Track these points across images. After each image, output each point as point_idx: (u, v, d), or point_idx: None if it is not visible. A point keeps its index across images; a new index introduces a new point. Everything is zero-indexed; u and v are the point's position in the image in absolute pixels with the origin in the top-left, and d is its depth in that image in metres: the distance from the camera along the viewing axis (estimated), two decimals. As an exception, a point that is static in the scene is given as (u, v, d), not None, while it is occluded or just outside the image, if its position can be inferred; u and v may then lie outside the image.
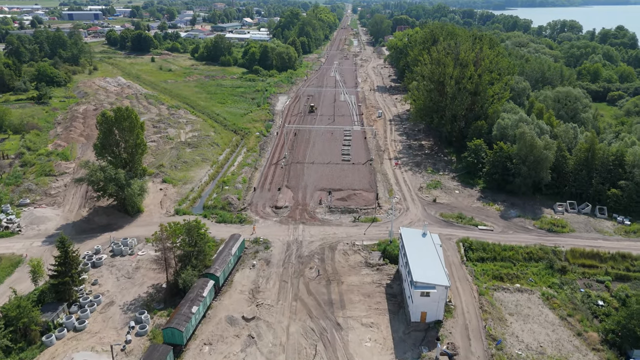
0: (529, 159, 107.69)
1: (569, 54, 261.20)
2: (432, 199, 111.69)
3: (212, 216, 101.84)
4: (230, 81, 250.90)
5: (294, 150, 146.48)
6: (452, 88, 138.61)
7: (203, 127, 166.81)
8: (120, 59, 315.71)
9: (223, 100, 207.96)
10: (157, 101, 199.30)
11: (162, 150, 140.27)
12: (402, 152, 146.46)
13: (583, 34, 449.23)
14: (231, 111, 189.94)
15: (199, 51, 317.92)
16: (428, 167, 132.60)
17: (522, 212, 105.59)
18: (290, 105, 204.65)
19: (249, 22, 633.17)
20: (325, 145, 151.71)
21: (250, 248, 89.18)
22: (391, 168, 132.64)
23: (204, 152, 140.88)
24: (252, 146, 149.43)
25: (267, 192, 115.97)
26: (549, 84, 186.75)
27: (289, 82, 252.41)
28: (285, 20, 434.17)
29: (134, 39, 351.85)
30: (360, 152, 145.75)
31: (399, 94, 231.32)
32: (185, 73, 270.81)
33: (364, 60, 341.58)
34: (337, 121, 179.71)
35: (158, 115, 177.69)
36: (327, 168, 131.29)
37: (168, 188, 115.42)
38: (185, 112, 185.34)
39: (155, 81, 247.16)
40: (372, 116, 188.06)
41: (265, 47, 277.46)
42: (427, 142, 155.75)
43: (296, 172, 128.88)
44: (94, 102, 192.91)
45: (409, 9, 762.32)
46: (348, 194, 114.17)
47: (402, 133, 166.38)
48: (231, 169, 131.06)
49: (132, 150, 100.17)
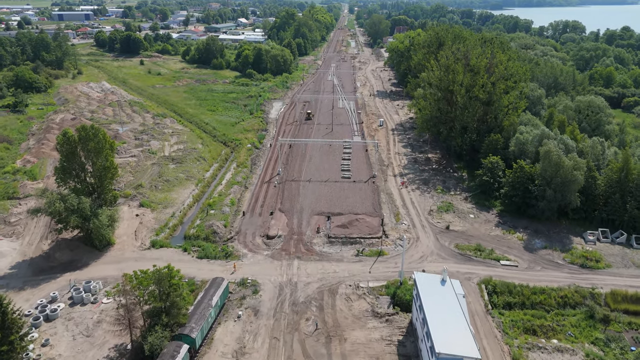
0: (555, 181, 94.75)
1: (578, 57, 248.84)
2: (444, 225, 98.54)
3: (194, 249, 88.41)
4: (222, 86, 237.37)
5: (288, 166, 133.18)
6: (462, 97, 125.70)
7: (190, 138, 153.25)
8: (107, 62, 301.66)
9: (213, 107, 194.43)
10: (142, 109, 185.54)
11: (143, 167, 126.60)
12: (408, 167, 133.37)
13: (587, 35, 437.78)
14: (222, 120, 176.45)
15: (190, 53, 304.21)
16: (437, 185, 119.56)
17: (548, 241, 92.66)
18: (285, 113, 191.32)
19: (243, 23, 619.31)
20: (323, 159, 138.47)
21: (235, 292, 75.77)
22: (397, 187, 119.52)
23: (189, 169, 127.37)
24: (243, 160, 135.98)
25: (258, 217, 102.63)
26: (562, 89, 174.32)
27: (284, 87, 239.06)
28: (280, 21, 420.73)
29: (123, 40, 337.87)
30: (362, 167, 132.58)
31: (401, 99, 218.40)
32: (174, 77, 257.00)
33: (363, 62, 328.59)
34: (336, 131, 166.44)
35: (142, 125, 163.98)
36: (326, 187, 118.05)
37: (146, 213, 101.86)
38: (172, 121, 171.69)
39: (142, 86, 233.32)
40: (372, 125, 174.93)
41: (260, 49, 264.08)
42: (434, 156, 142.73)
43: (291, 192, 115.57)
44: (73, 110, 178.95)
45: (406, 9, 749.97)
46: (349, 219, 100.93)
47: (407, 144, 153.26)
48: (218, 189, 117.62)
49: (101, 174, 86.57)
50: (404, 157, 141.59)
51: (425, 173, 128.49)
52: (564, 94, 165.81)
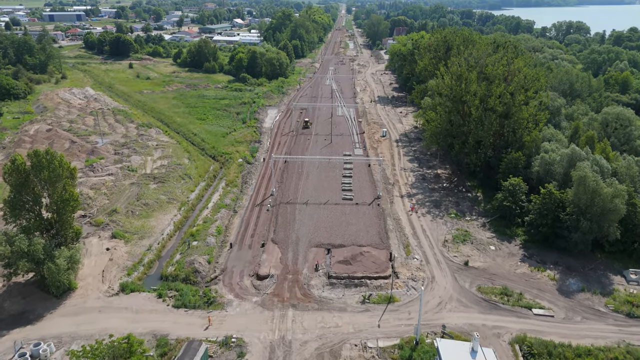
0: (592, 211, 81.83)
1: (589, 60, 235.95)
2: (462, 260, 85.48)
3: (170, 295, 74.97)
4: (214, 91, 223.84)
5: (283, 184, 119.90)
6: (477, 109, 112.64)
7: (176, 152, 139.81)
8: (95, 65, 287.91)
9: (203, 115, 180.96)
10: (126, 118, 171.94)
11: (120, 188, 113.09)
12: (416, 185, 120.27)
13: (591, 36, 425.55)
14: (212, 130, 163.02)
15: (182, 56, 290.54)
16: (450, 208, 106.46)
17: (584, 281, 79.71)
18: (280, 121, 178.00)
19: (239, 23, 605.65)
20: (322, 175, 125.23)
21: (216, 357, 62.44)
22: (404, 210, 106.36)
23: (172, 189, 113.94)
24: (233, 178, 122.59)
25: (248, 250, 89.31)
26: (578, 96, 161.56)
27: (280, 92, 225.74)
28: (276, 22, 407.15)
29: (112, 42, 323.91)
30: (365, 186, 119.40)
31: (404, 106, 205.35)
32: (164, 82, 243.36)
33: (362, 65, 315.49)
34: (335, 142, 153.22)
35: (124, 137, 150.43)
36: (325, 211, 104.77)
37: (118, 246, 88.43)
38: (157, 132, 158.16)
39: (129, 92, 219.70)
40: (375, 136, 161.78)
41: (254, 52, 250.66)
42: (443, 172, 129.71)
43: (285, 217, 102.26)
44: (50, 119, 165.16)
45: (405, 9, 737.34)
46: (352, 252, 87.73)
47: (413, 158, 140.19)
48: (204, 213, 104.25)
49: (59, 208, 73.11)
50: (410, 173, 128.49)
51: (435, 193, 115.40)
52: (581, 101, 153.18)
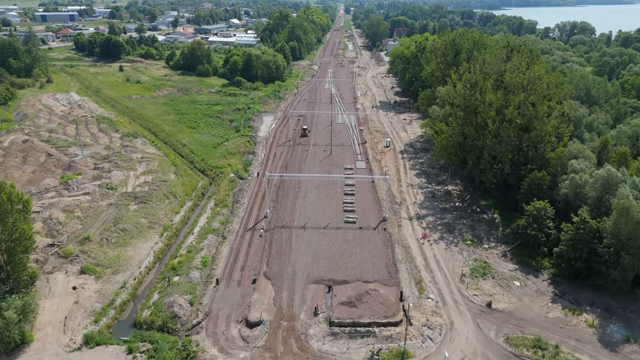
0: (636, 244, 70.54)
1: (600, 63, 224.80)
2: (484, 300, 74.09)
3: (142, 349, 63.30)
4: (207, 96, 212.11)
5: (278, 204, 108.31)
6: (493, 121, 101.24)
7: (162, 166, 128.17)
8: (84, 68, 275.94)
9: (194, 123, 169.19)
10: (111, 126, 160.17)
11: (96, 210, 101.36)
12: (425, 205, 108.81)
13: (597, 37, 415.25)
14: (202, 140, 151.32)
15: (175, 59, 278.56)
16: (465, 233, 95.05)
17: (627, 327, 68.46)
18: (276, 130, 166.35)
19: (236, 24, 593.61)
20: (321, 193, 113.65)
21: None
22: (414, 235, 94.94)
23: (154, 211, 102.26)
24: (223, 197, 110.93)
25: (236, 288, 77.75)
26: (595, 103, 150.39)
27: (276, 97, 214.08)
28: (273, 23, 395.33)
29: (103, 44, 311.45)
30: (369, 205, 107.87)
31: (407, 112, 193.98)
32: (155, 85, 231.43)
33: (362, 68, 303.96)
34: (335, 154, 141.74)
35: (106, 148, 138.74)
36: (325, 237, 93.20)
37: (87, 284, 76.81)
38: (143, 143, 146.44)
39: (117, 97, 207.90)
40: (378, 146, 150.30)
41: (249, 55, 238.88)
42: (454, 188, 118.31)
43: (280, 245, 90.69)
44: (29, 128, 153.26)
45: (404, 9, 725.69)
46: (357, 291, 76.23)
47: (420, 172, 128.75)
48: (189, 240, 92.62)
49: (9, 248, 61.57)
50: (418, 190, 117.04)
51: (447, 214, 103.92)
52: (599, 109, 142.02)
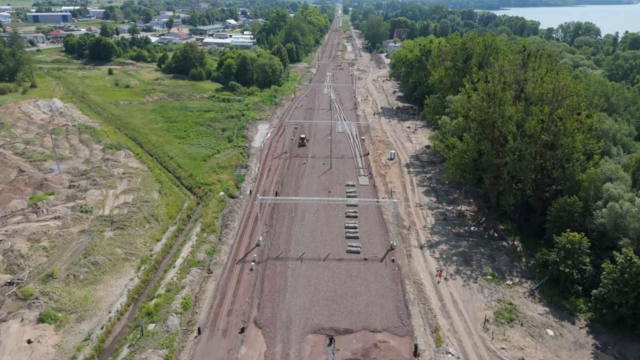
0: (696, 293, 59.39)
1: (613, 67, 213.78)
2: (514, 357, 62.65)
3: None
4: (199, 102, 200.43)
5: (272, 229, 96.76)
6: (515, 137, 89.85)
7: (145, 183, 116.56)
8: (71, 71, 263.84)
9: (184, 132, 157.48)
10: (93, 137, 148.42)
11: (66, 238, 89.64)
12: (437, 229, 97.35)
13: (602, 38, 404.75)
14: (191, 152, 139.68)
15: (167, 61, 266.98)
16: (485, 265, 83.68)
17: (687, 393, 57.28)
18: (272, 140, 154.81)
19: (232, 24, 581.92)
20: (321, 215, 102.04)
21: None
22: (427, 269, 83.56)
23: (132, 238, 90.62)
24: (211, 220, 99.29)
25: (221, 340, 66.15)
26: (614, 112, 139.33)
27: (272, 103, 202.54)
28: (270, 24, 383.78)
29: (92, 46, 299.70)
30: (374, 230, 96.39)
31: (411, 119, 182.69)
32: (145, 90, 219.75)
33: (362, 70, 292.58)
34: (336, 168, 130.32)
35: (86, 162, 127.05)
36: (325, 272, 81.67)
37: (45, 336, 65.11)
38: (127, 155, 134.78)
39: (103, 103, 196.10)
40: (381, 158, 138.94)
41: (244, 58, 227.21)
42: (468, 209, 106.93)
43: (274, 282, 79.13)
44: (3, 140, 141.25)
45: (404, 10, 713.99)
46: (364, 343, 64.74)
47: (429, 189, 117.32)
48: (170, 275, 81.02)
49: None
50: (428, 211, 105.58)
51: (462, 241, 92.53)
52: (619, 117, 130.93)
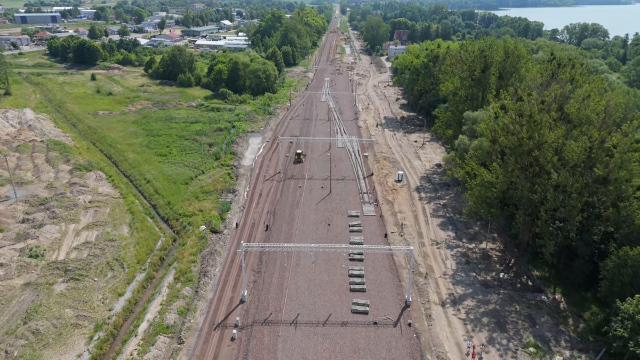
0: None
1: (636, 72, 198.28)
2: None
3: None
4: (186, 111, 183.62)
5: (261, 277, 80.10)
6: (558, 169, 73.53)
7: (114, 214, 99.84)
8: (52, 76, 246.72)
9: (166, 149, 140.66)
10: (62, 154, 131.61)
11: (5, 295, 72.59)
12: (459, 277, 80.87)
13: (611, 40, 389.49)
14: (172, 173, 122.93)
15: (154, 66, 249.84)
16: (523, 331, 67.16)
17: None
18: (264, 157, 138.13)
19: (227, 25, 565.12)
20: (319, 260, 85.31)
21: None
22: (451, 337, 67.09)
23: (88, 293, 73.87)
24: (187, 266, 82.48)
25: None
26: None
27: (266, 113, 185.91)
28: (265, 25, 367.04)
29: (76, 49, 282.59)
30: (384, 279, 79.78)
31: (418, 131, 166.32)
32: (128, 98, 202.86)
33: (362, 75, 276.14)
34: (336, 192, 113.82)
35: (49, 187, 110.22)
36: (324, 343, 64.92)
37: None
38: (98, 178, 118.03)
39: (80, 113, 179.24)
40: (387, 180, 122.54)
41: (236, 63, 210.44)
42: (492, 247, 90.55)
43: (260, 358, 62.48)
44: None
45: (403, 10, 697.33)
46: None
47: (445, 221, 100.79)
48: (129, 346, 64.23)
49: None
50: (447, 251, 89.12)
51: (491, 294, 76.10)
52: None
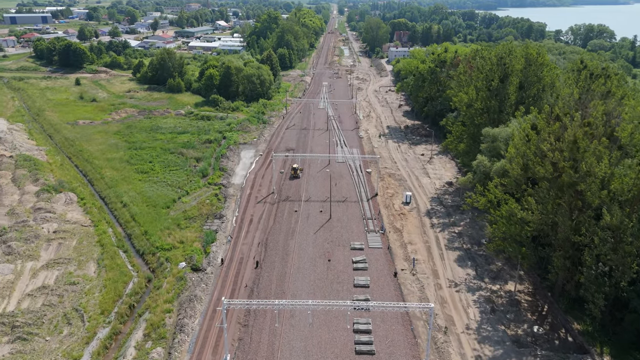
0: None
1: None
2: None
3: None
4: (174, 120, 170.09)
5: (248, 333, 66.63)
6: (611, 209, 60.44)
7: (81, 248, 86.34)
8: (35, 81, 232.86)
9: (148, 165, 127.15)
10: (31, 173, 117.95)
11: None
12: (485, 331, 67.63)
13: (618, 42, 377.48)
14: (153, 194, 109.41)
15: (142, 70, 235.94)
16: (572, 413, 54.24)
17: None
18: (257, 174, 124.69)
19: (222, 26, 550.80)
20: (317, 311, 71.88)
21: None
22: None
23: (36, 359, 60.43)
24: (161, 317, 68.82)
25: None
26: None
27: (260, 121, 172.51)
28: (261, 26, 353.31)
29: (62, 51, 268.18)
30: (397, 337, 66.25)
31: (423, 141, 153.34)
32: (113, 105, 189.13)
33: (362, 79, 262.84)
34: (337, 218, 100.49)
35: (10, 214, 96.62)
36: None
37: None
38: (68, 201, 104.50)
39: (59, 122, 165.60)
40: (393, 201, 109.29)
41: (228, 67, 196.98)
42: (520, 289, 77.35)
43: None
44: None
45: (401, 10, 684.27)
46: None
47: (463, 255, 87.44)
48: None
49: None
50: (468, 295, 75.85)
51: (527, 355, 62.88)
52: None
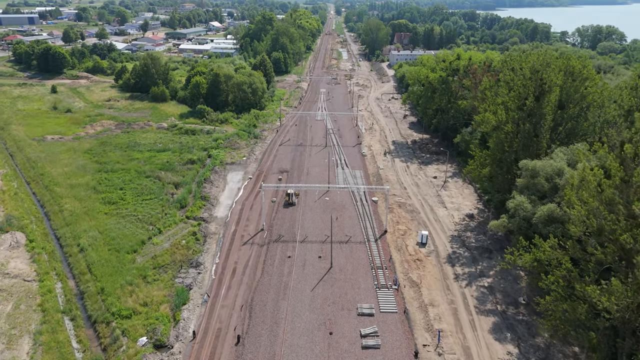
0: None
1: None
2: None
3: None
4: (155, 135, 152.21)
5: None
6: None
7: (16, 315, 68.45)
8: (8, 88, 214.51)
9: (119, 192, 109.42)
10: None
11: None
12: None
13: (628, 44, 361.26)
14: (119, 233, 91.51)
15: (124, 76, 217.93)
16: None
17: None
18: (244, 204, 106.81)
19: (216, 27, 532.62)
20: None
21: None
22: None
23: None
24: None
25: None
26: None
27: (251, 136, 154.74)
28: (255, 28, 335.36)
29: (40, 56, 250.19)
30: None
31: (434, 160, 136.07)
32: (89, 117, 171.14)
33: (362, 85, 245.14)
34: (338, 267, 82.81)
35: (-62, 264, 78.82)
36: None
37: None
38: (14, 245, 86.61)
39: (24, 138, 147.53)
40: (406, 241, 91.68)
41: (217, 75, 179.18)
42: (579, 377, 60.10)
43: None
44: None
45: (400, 11, 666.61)
46: None
47: (500, 322, 69.61)
48: None
49: None
50: (511, 387, 58.47)
51: None
52: None
